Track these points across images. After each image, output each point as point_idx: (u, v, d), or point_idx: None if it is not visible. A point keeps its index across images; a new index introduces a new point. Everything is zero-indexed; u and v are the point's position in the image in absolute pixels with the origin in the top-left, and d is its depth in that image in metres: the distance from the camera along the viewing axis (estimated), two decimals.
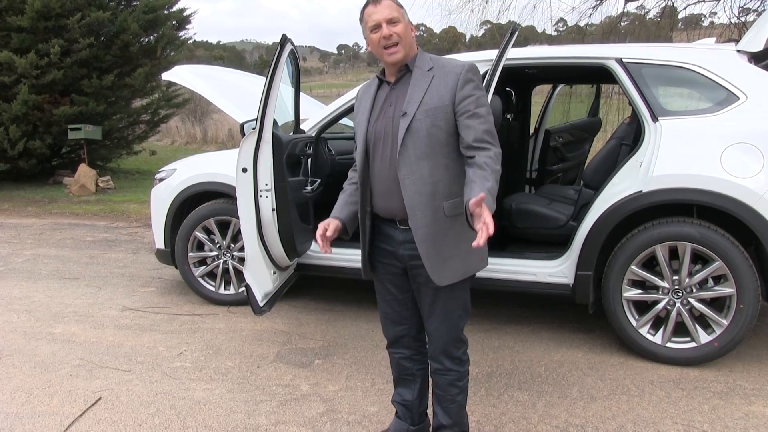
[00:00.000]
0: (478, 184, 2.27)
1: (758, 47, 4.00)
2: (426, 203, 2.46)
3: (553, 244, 4.51)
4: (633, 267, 3.93)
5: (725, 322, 3.78)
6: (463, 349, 2.73)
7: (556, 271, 4.24)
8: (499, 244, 4.73)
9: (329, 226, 2.62)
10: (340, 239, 2.74)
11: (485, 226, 2.12)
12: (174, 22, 14.64)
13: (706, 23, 13.63)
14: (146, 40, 13.88)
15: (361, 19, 2.56)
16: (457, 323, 2.66)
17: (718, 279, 3.84)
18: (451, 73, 2.45)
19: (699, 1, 10.70)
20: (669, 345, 3.92)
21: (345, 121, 5.88)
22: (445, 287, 2.55)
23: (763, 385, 3.66)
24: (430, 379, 2.84)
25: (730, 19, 10.41)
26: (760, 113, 3.78)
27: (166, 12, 14.17)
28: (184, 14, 14.79)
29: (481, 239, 2.12)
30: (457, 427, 2.80)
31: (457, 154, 2.47)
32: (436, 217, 2.46)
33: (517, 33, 3.69)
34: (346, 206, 2.77)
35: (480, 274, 4.22)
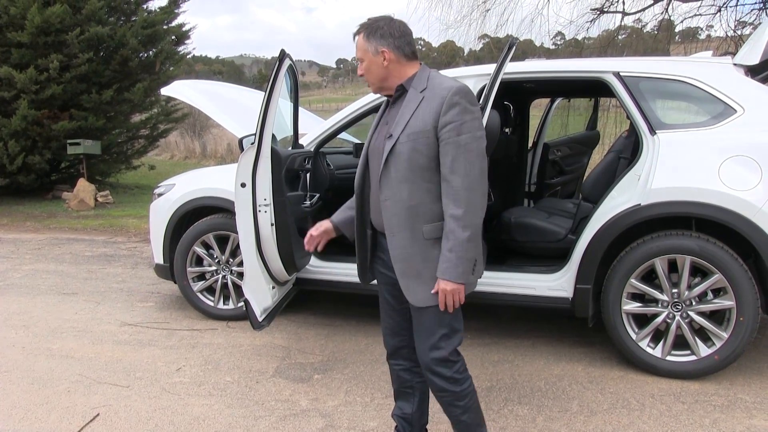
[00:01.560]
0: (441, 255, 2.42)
1: (755, 60, 4.02)
2: (403, 225, 2.48)
3: (552, 258, 4.50)
4: (632, 280, 3.92)
5: (725, 335, 3.78)
6: (455, 369, 2.61)
7: (556, 284, 4.23)
8: (498, 258, 4.73)
9: (320, 226, 2.77)
10: (340, 254, 2.76)
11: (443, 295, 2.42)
12: (173, 37, 14.68)
13: (703, 36, 13.68)
14: (145, 55, 13.92)
15: None
16: (439, 344, 2.57)
17: (717, 292, 3.83)
18: (437, 96, 2.41)
19: (696, 15, 10.78)
20: (669, 358, 3.91)
21: (344, 135, 5.90)
22: (426, 307, 2.53)
23: (764, 398, 3.64)
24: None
25: (726, 32, 10.47)
26: (757, 126, 3.80)
27: (165, 27, 14.23)
28: (183, 29, 14.85)
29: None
30: None
31: (440, 177, 2.44)
32: (414, 239, 2.47)
33: (514, 47, 3.71)
34: (343, 211, 2.85)
35: (479, 288, 4.27)
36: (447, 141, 2.36)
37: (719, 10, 10.48)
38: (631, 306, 3.98)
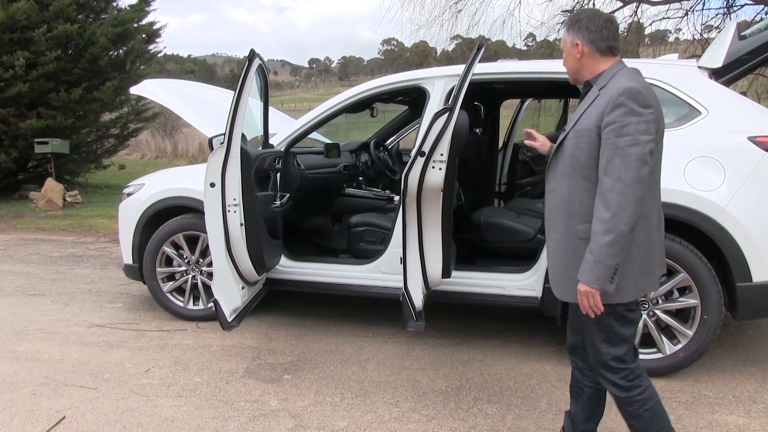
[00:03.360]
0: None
1: (718, 63, 4.09)
2: (559, 219, 2.53)
3: (521, 258, 4.54)
4: None
5: (690, 333, 3.85)
6: (620, 375, 2.56)
7: (525, 284, 4.27)
8: (468, 258, 4.76)
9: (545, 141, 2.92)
10: (310, 254, 2.75)
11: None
12: (144, 36, 14.54)
13: (671, 39, 13.89)
14: (115, 53, 13.77)
15: None
16: (600, 348, 2.57)
17: (682, 290, 3.90)
18: (606, 96, 2.38)
19: (664, 18, 10.94)
20: None
21: (315, 135, 5.89)
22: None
23: (725, 394, 3.72)
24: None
25: (693, 35, 10.65)
26: (721, 128, 3.86)
27: (135, 25, 14.09)
28: (154, 27, 14.71)
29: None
30: None
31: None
32: (567, 234, 2.50)
33: (483, 49, 3.73)
34: None
35: (449, 288, 4.29)
36: (606, 141, 2.34)
37: (686, 14, 10.67)
38: None
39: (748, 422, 3.41)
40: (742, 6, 10.42)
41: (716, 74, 4.13)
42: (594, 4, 11.07)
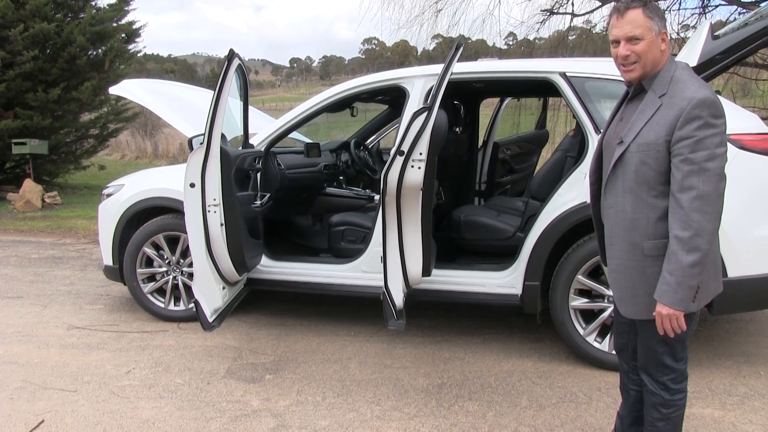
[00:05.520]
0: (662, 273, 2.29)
1: (693, 62, 4.14)
2: (622, 236, 2.40)
3: (501, 255, 4.57)
4: (579, 276, 4.01)
5: None
6: (671, 377, 2.53)
7: (505, 282, 4.30)
8: (448, 256, 4.78)
9: None
10: (291, 254, 2.75)
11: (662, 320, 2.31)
12: (123, 35, 14.43)
13: None
14: (94, 53, 13.65)
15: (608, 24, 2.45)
16: (656, 356, 2.51)
17: None
18: (676, 107, 2.22)
19: None
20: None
21: (295, 134, 5.88)
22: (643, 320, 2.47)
23: (702, 388, 3.78)
24: None
25: (670, 34, 10.73)
26: None
27: (114, 25, 13.98)
28: (134, 27, 14.60)
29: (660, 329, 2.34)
30: None
31: (668, 194, 2.28)
32: (632, 253, 2.39)
33: (462, 48, 3.75)
34: None
35: (429, 286, 4.32)
36: (680, 156, 2.19)
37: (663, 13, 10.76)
38: (579, 302, 4.07)
39: (723, 415, 3.47)
40: (717, 6, 10.55)
41: None
42: (573, 4, 11.14)
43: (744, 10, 9.48)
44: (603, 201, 2.51)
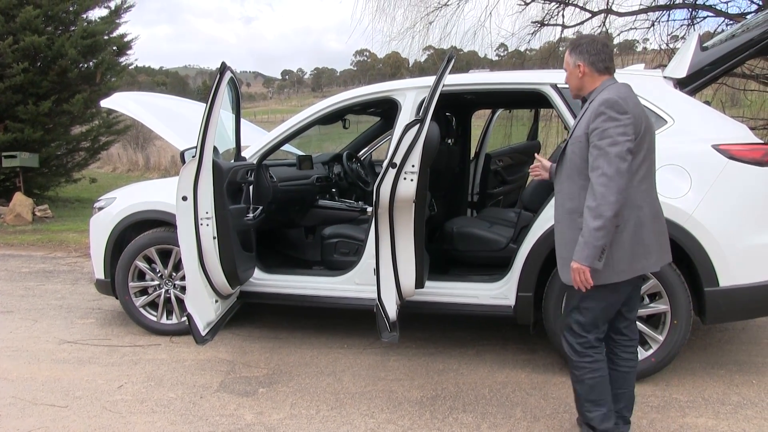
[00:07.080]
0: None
1: (682, 74, 4.19)
2: (563, 215, 3.00)
3: (494, 267, 4.57)
4: None
5: (661, 338, 3.92)
6: (579, 341, 3.02)
7: (498, 293, 4.31)
8: (441, 268, 4.78)
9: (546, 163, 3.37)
10: (283, 266, 2.74)
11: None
12: (114, 48, 14.40)
13: (639, 48, 14.10)
14: (85, 65, 13.61)
15: None
16: (570, 319, 3.06)
17: (653, 296, 3.96)
18: (592, 107, 2.84)
19: (631, 28, 11.10)
20: None
21: (287, 147, 5.89)
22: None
23: (695, 397, 3.78)
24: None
25: (660, 45, 10.83)
26: (686, 136, 3.95)
27: (106, 37, 13.94)
28: (125, 40, 14.58)
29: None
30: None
31: None
32: (570, 228, 2.93)
33: (453, 60, 3.77)
34: None
35: (423, 298, 4.32)
36: (592, 144, 2.79)
37: (653, 24, 10.82)
38: None
39: (716, 424, 3.47)
40: (705, 18, 10.65)
41: (681, 84, 4.22)
42: (563, 16, 11.20)
43: (731, 22, 9.57)
44: (554, 188, 3.10)
